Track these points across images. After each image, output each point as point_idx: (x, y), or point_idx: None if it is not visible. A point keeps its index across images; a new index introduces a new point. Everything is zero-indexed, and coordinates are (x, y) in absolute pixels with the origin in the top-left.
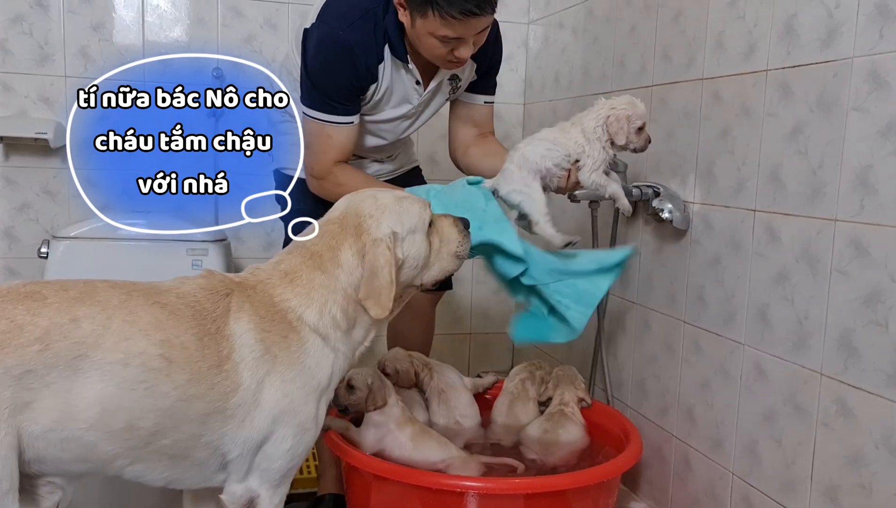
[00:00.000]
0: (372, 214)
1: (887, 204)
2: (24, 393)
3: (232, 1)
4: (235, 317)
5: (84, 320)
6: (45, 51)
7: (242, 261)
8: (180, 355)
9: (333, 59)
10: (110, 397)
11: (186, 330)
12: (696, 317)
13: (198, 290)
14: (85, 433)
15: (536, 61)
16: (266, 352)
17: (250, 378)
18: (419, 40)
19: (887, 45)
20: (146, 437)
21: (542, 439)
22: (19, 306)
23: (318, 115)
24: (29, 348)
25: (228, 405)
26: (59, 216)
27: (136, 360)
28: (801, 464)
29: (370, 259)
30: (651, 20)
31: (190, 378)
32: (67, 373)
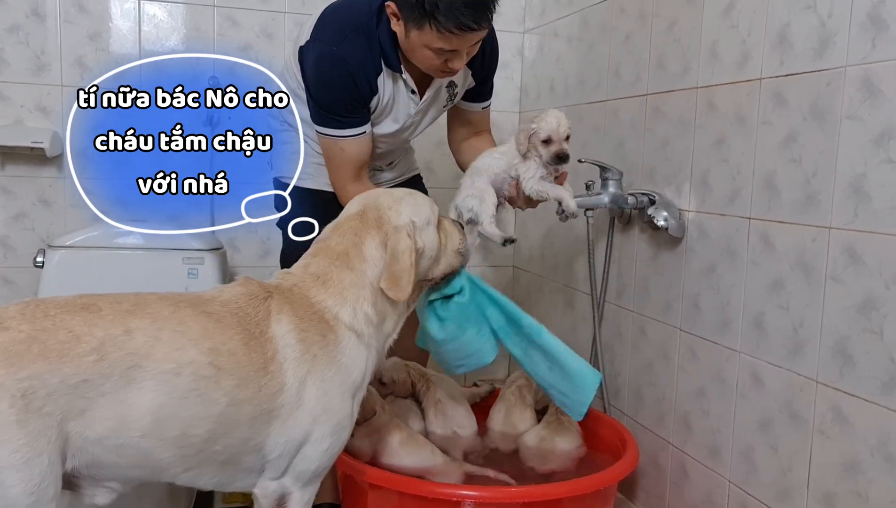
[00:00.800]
0: (391, 205)
1: (881, 212)
2: (80, 402)
3: (228, 10)
4: (276, 319)
5: (137, 331)
6: (42, 60)
7: (238, 270)
8: (228, 361)
9: (331, 77)
10: (163, 405)
11: (233, 336)
12: (692, 325)
13: (239, 296)
14: (140, 441)
15: (532, 70)
16: (306, 351)
17: (293, 377)
18: (413, 51)
19: (880, 54)
20: (199, 444)
21: (539, 447)
22: (76, 317)
23: (329, 131)
24: (86, 358)
25: (275, 406)
26: (54, 226)
27: (188, 369)
28: (798, 472)
29: (391, 245)
30: (645, 29)
31: (238, 383)
32: (122, 383)
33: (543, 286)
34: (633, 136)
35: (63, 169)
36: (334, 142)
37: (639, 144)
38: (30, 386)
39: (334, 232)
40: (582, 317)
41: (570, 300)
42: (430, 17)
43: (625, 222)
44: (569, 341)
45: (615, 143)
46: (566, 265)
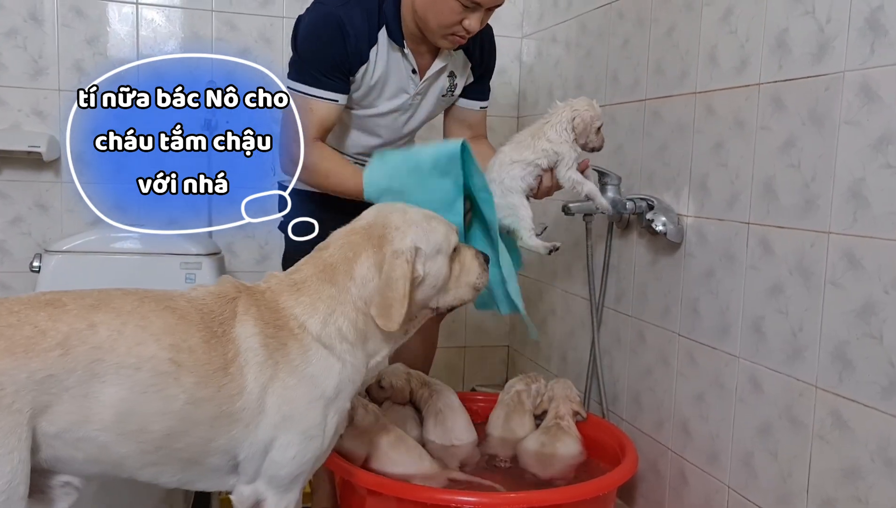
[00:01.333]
0: (398, 226)
1: (880, 217)
2: (44, 397)
3: (226, 15)
4: (241, 320)
5: (101, 325)
6: (39, 65)
7: (236, 275)
8: (188, 358)
9: (324, 32)
10: (124, 400)
11: (194, 334)
12: (691, 330)
13: (207, 294)
14: (99, 435)
15: (530, 75)
16: (269, 357)
17: (254, 382)
18: (434, 5)
19: (878, 59)
20: (158, 440)
21: (538, 452)
22: (41, 312)
23: (303, 87)
24: (51, 352)
25: (235, 409)
26: (51, 230)
27: (148, 364)
28: (797, 477)
29: (387, 270)
30: (644, 34)
31: (198, 381)
32: (85, 377)
33: (542, 291)
34: (632, 141)
35: (60, 173)
36: (305, 100)
37: (637, 148)
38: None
39: (335, 241)
40: (580, 322)
41: (569, 305)
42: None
43: (623, 227)
44: (567, 345)
45: (614, 148)
46: (565, 270)
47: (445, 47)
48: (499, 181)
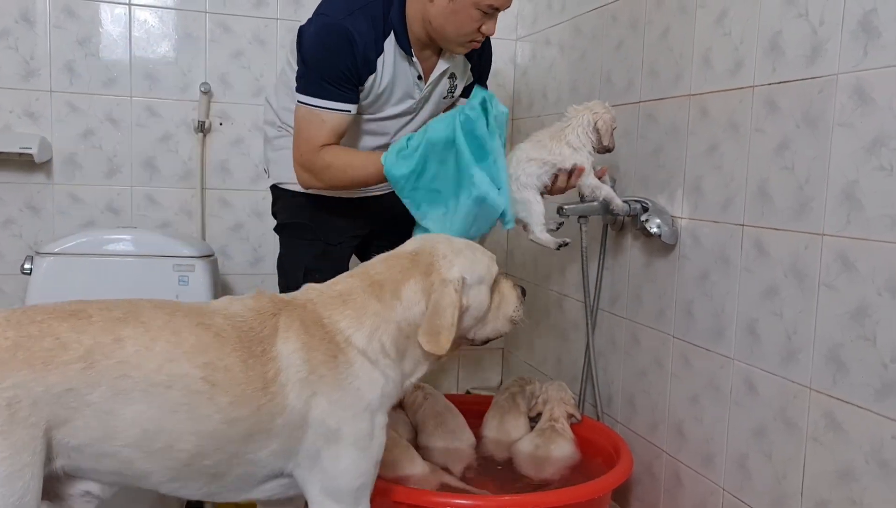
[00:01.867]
0: (446, 255)
1: (873, 219)
2: (63, 412)
3: (220, 16)
4: (283, 337)
5: (128, 340)
6: (31, 66)
7: (230, 277)
8: (224, 378)
9: (331, 44)
10: (151, 419)
11: (231, 352)
12: (685, 332)
13: (245, 310)
14: (122, 451)
15: (524, 77)
16: (312, 372)
17: (297, 399)
18: (454, 16)
19: (871, 61)
20: (186, 458)
21: (533, 454)
22: (64, 323)
23: (313, 100)
24: (72, 366)
25: (274, 426)
26: (42, 232)
27: (179, 383)
28: (792, 479)
29: (436, 298)
30: (638, 37)
31: (233, 401)
32: (109, 393)
33: (537, 293)
34: (626, 143)
35: (51, 175)
36: (317, 113)
37: (632, 151)
38: (14, 395)
39: (381, 263)
40: (575, 324)
41: (563, 307)
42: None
43: (618, 230)
44: (562, 348)
45: None
46: (559, 273)
47: (460, 53)
48: (515, 177)
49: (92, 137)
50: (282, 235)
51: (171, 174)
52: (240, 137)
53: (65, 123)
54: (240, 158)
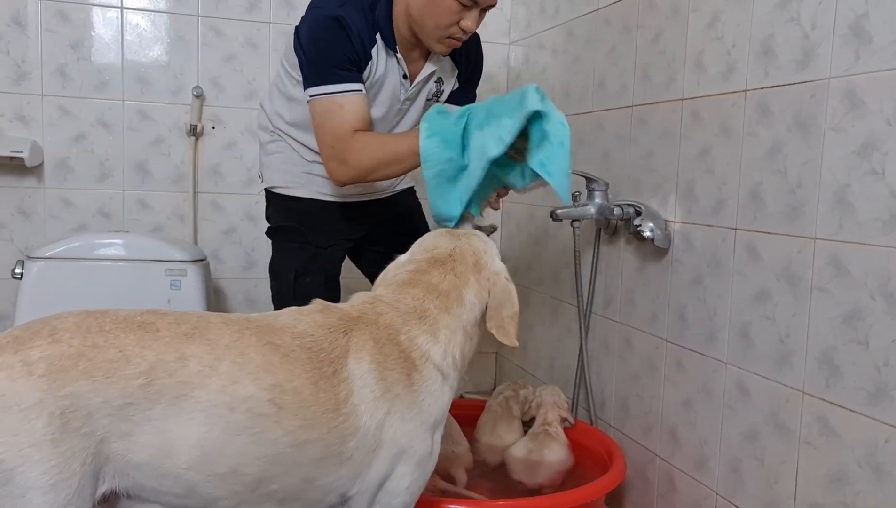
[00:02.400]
0: (485, 250)
1: (865, 223)
2: (124, 424)
3: (212, 20)
4: (356, 357)
5: (192, 359)
6: (22, 69)
7: (222, 282)
8: (292, 400)
9: (327, 32)
10: (213, 441)
11: (300, 374)
12: (678, 336)
13: (315, 328)
14: (185, 473)
15: (517, 81)
16: (387, 391)
17: (370, 420)
18: (433, 8)
19: (863, 66)
20: (252, 483)
21: (526, 459)
22: (131, 335)
23: (325, 88)
24: (133, 381)
25: (346, 448)
26: (33, 236)
27: (243, 405)
28: (785, 483)
29: (497, 292)
30: (630, 41)
31: (302, 424)
32: (169, 411)
33: (530, 298)
34: (619, 147)
35: (43, 179)
36: (332, 99)
37: (624, 155)
38: (70, 405)
39: (434, 268)
40: (568, 328)
41: (557, 312)
42: None
43: (611, 233)
44: (555, 352)
45: (601, 154)
46: (552, 277)
47: (440, 52)
48: None
49: (84, 140)
50: (273, 239)
51: (164, 178)
52: (232, 140)
53: (56, 127)
54: (232, 162)
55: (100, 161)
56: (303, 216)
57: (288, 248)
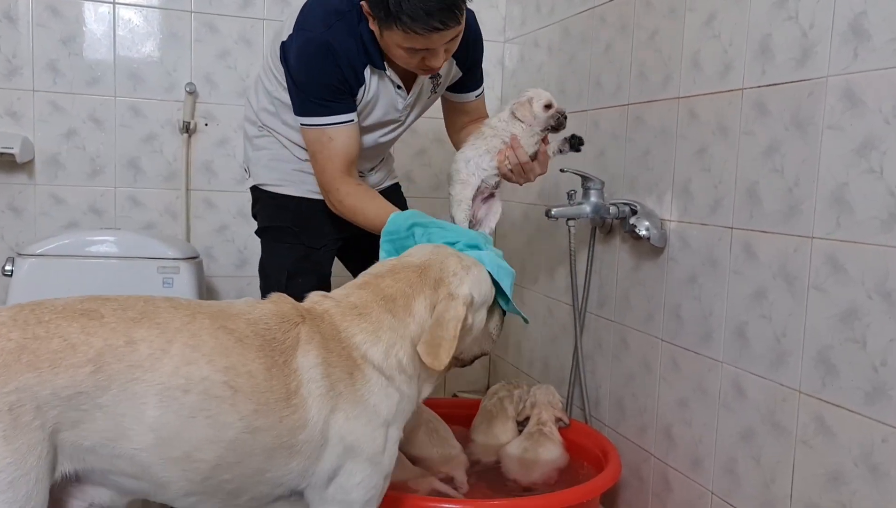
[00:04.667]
0: (456, 272)
1: (863, 222)
2: (74, 413)
3: (206, 16)
4: (304, 350)
5: (141, 342)
6: (13, 64)
7: (215, 280)
8: (247, 383)
9: (316, 60)
10: (168, 424)
11: (254, 359)
12: (674, 335)
13: (269, 316)
14: (138, 454)
15: (512, 80)
16: (331, 388)
17: (317, 415)
18: (389, 50)
19: (861, 64)
20: (206, 470)
21: (522, 458)
22: (74, 323)
23: (314, 120)
24: (81, 369)
25: (296, 441)
26: (24, 233)
27: (198, 387)
28: (781, 483)
29: (440, 309)
30: (627, 39)
31: (257, 409)
32: (121, 397)
33: (525, 297)
34: (615, 145)
35: (34, 175)
36: (321, 131)
37: (620, 153)
38: (17, 400)
39: (389, 275)
40: (563, 327)
41: (552, 311)
42: (395, 18)
43: (606, 232)
44: (550, 351)
45: (596, 152)
46: (547, 275)
47: (421, 75)
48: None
49: (75, 137)
50: (263, 238)
51: (156, 175)
52: (225, 137)
53: (47, 123)
54: (225, 159)
55: (91, 158)
56: (294, 215)
57: (279, 247)
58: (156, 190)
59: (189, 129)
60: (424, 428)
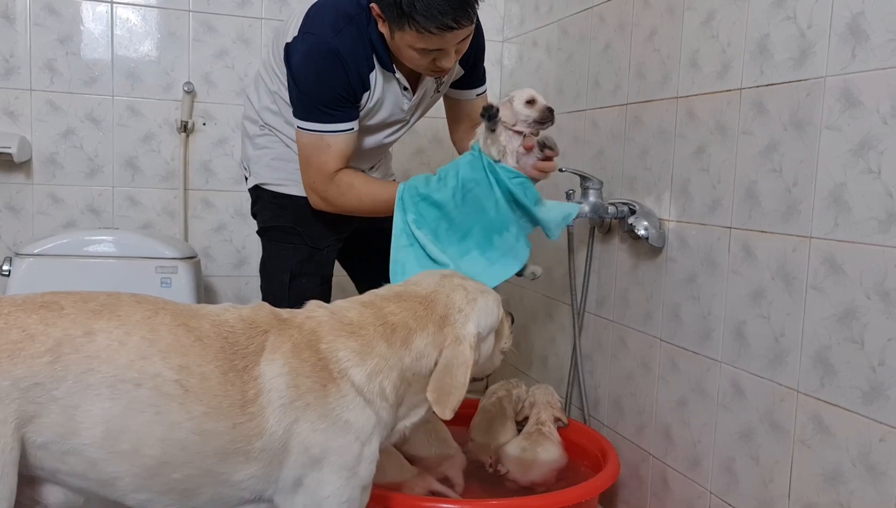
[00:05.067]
0: (462, 309)
1: (861, 222)
2: (31, 406)
3: (204, 15)
4: (269, 358)
5: (100, 333)
6: (11, 63)
7: (213, 280)
8: (199, 385)
9: (324, 67)
10: (117, 416)
11: (211, 361)
12: (673, 335)
13: (237, 321)
14: (87, 450)
15: (511, 79)
16: (297, 398)
17: (277, 424)
18: (400, 52)
19: (859, 64)
20: (154, 466)
21: (520, 457)
22: (33, 315)
23: (315, 126)
24: (39, 359)
25: (252, 448)
26: (22, 233)
27: (150, 382)
28: (779, 482)
29: (449, 356)
30: (625, 39)
31: (207, 412)
32: (76, 388)
33: (523, 296)
34: (613, 145)
35: (31, 175)
36: (319, 137)
37: (619, 153)
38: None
39: (395, 301)
40: (561, 327)
41: (550, 310)
42: (408, 18)
43: (605, 232)
44: (548, 351)
45: (595, 152)
46: (546, 275)
47: (430, 76)
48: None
49: (73, 136)
50: (265, 238)
51: (154, 175)
52: (223, 137)
53: (45, 123)
54: (223, 159)
55: (89, 157)
56: (297, 215)
57: (282, 248)
58: (154, 190)
59: (187, 128)
60: (423, 428)
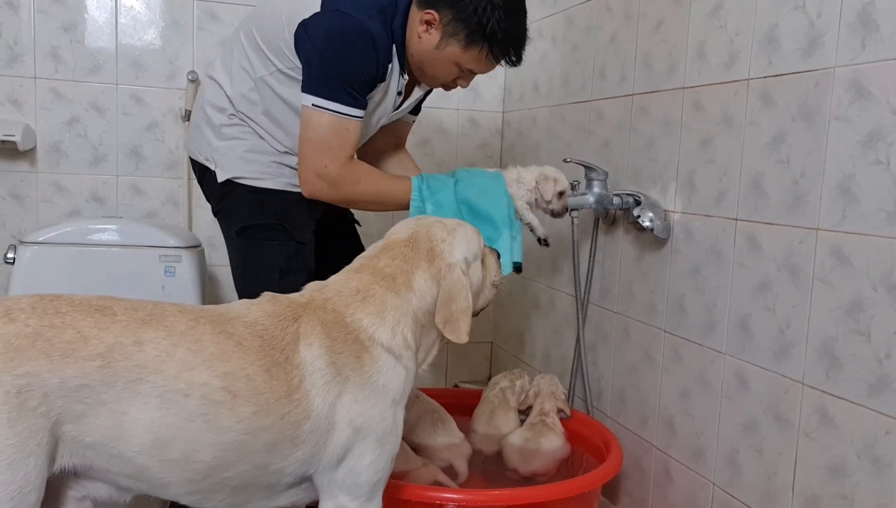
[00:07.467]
0: (444, 239)
1: (869, 214)
2: (78, 406)
3: (208, 4)
4: (306, 343)
5: (149, 343)
6: (15, 51)
7: (216, 269)
8: (245, 387)
9: (358, 45)
10: (166, 426)
11: (253, 362)
12: (677, 326)
13: (265, 317)
14: (136, 456)
15: (515, 70)
16: (338, 374)
17: (322, 403)
18: (434, 62)
19: (869, 54)
20: (205, 470)
21: (523, 448)
22: (88, 318)
23: (339, 107)
24: (90, 362)
25: (300, 433)
26: (26, 221)
27: (198, 392)
28: (783, 474)
29: (448, 285)
30: (631, 29)
31: (256, 411)
32: (125, 395)
33: (527, 287)
34: (619, 136)
35: (35, 163)
36: (339, 120)
37: (624, 144)
38: (27, 384)
39: (383, 253)
40: (565, 319)
41: (554, 302)
42: (486, 40)
43: (609, 223)
44: (552, 342)
45: (600, 143)
46: (550, 266)
47: (433, 88)
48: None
49: (77, 124)
50: (242, 238)
51: (158, 163)
52: None
53: (49, 111)
54: None
55: (93, 146)
56: (279, 210)
57: (267, 246)
58: (158, 178)
59: (191, 117)
60: (429, 418)
